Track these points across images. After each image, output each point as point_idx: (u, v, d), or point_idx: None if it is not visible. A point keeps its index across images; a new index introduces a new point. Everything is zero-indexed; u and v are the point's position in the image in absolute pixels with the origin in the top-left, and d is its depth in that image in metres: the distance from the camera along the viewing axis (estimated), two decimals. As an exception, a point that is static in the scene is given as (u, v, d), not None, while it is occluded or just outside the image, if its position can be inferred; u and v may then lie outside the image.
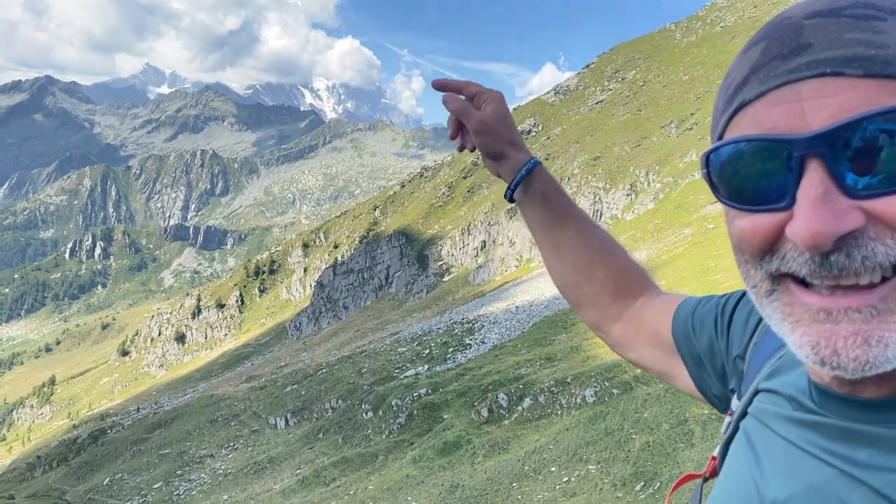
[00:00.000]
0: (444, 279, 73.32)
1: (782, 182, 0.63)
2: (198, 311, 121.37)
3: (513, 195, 1.34)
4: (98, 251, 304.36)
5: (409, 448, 23.56)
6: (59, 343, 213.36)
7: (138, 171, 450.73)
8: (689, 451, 13.46)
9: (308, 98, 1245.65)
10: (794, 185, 0.62)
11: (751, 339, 0.98)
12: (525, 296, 46.57)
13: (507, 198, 1.34)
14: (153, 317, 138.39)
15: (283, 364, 57.10)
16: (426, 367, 35.59)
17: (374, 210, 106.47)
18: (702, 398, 1.13)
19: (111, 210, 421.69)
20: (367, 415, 29.93)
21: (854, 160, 0.59)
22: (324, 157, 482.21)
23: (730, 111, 0.70)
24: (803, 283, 0.65)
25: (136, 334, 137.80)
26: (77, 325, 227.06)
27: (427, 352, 39.12)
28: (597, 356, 26.40)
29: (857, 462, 0.68)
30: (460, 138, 1.35)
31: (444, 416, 25.53)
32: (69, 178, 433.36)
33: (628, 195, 58.56)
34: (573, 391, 22.73)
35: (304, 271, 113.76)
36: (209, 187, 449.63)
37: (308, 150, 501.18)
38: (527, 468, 17.28)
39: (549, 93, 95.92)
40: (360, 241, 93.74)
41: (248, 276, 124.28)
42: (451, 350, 37.93)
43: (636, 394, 18.82)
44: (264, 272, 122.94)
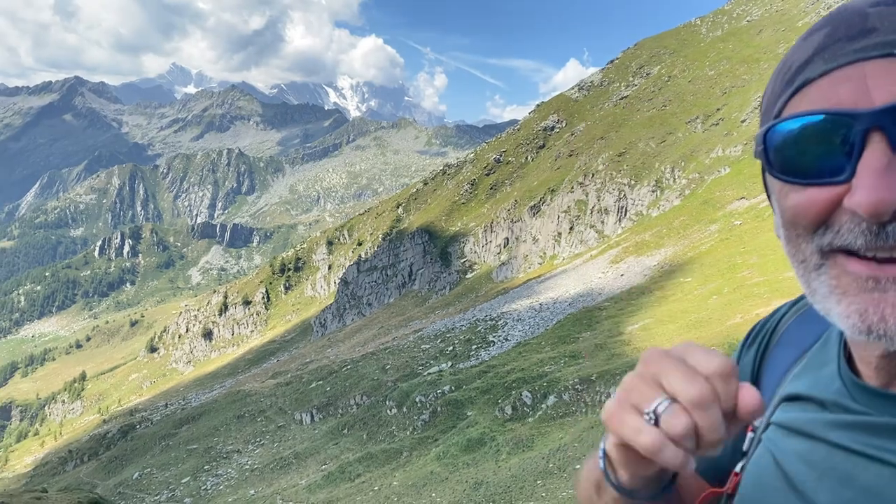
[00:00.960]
0: (467, 276, 73.31)
1: (843, 155, 0.66)
2: (224, 308, 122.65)
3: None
4: (127, 249, 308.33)
5: (433, 444, 23.62)
6: (89, 339, 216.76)
7: (166, 170, 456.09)
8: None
9: (332, 97, 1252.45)
10: (856, 159, 0.65)
11: (763, 355, 1.01)
12: (549, 293, 46.41)
13: (660, 494, 0.86)
14: (181, 314, 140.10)
15: (308, 360, 57.53)
16: (449, 363, 35.64)
17: (398, 208, 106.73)
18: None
19: (139, 208, 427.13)
20: (391, 411, 30.07)
21: None
22: (348, 155, 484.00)
23: (790, 91, 0.73)
24: (852, 256, 0.68)
25: (165, 331, 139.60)
26: (106, 322, 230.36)
27: (450, 349, 39.16)
28: (622, 354, 26.25)
29: None
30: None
31: (468, 413, 25.55)
32: (98, 177, 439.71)
33: (653, 191, 58.06)
34: (598, 389, 22.64)
35: (329, 269, 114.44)
36: (235, 186, 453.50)
37: (332, 148, 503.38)
38: (551, 466, 17.24)
39: (572, 89, 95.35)
40: (384, 239, 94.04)
41: (273, 274, 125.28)
42: (474, 347, 37.93)
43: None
44: (290, 269, 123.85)
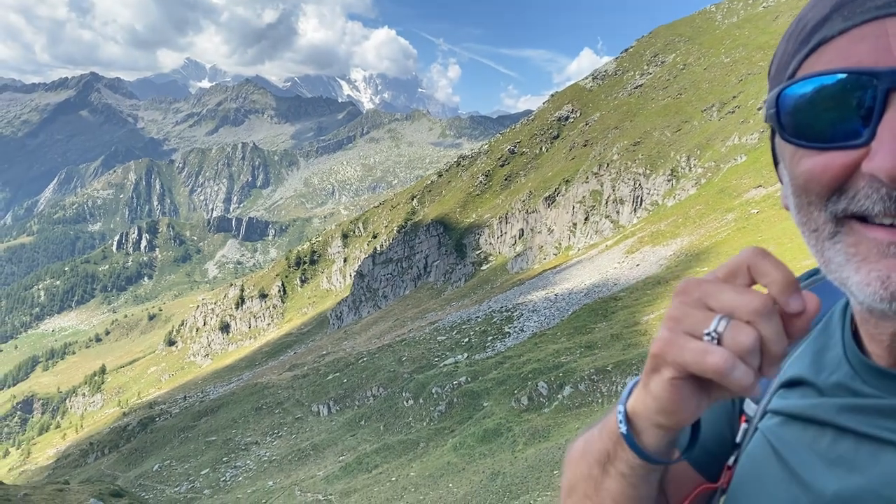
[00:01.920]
0: (482, 268, 73.29)
1: (862, 117, 0.62)
2: (241, 301, 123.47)
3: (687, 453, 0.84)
4: (144, 243, 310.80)
5: (450, 435, 23.70)
6: (108, 333, 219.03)
7: (181, 165, 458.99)
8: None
9: (346, 89, 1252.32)
10: (877, 120, 0.61)
11: None
12: (564, 284, 46.31)
13: (687, 451, 0.81)
14: (198, 307, 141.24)
15: (324, 353, 57.82)
16: (465, 355, 35.70)
17: (412, 200, 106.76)
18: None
19: (156, 203, 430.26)
20: (407, 402, 30.18)
21: None
22: (362, 147, 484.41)
23: (805, 50, 0.69)
24: (868, 223, 0.65)
25: (182, 324, 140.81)
26: (125, 316, 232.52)
27: (466, 340, 39.22)
28: (638, 344, 26.17)
29: None
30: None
31: (484, 404, 25.60)
32: (115, 172, 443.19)
33: (669, 181, 57.67)
34: (614, 379, 22.61)
35: (344, 261, 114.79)
36: (250, 179, 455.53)
37: (346, 141, 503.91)
38: (568, 456, 17.23)
39: (587, 78, 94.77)
40: (399, 231, 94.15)
41: (289, 267, 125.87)
42: (490, 338, 37.96)
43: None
44: (305, 262, 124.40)
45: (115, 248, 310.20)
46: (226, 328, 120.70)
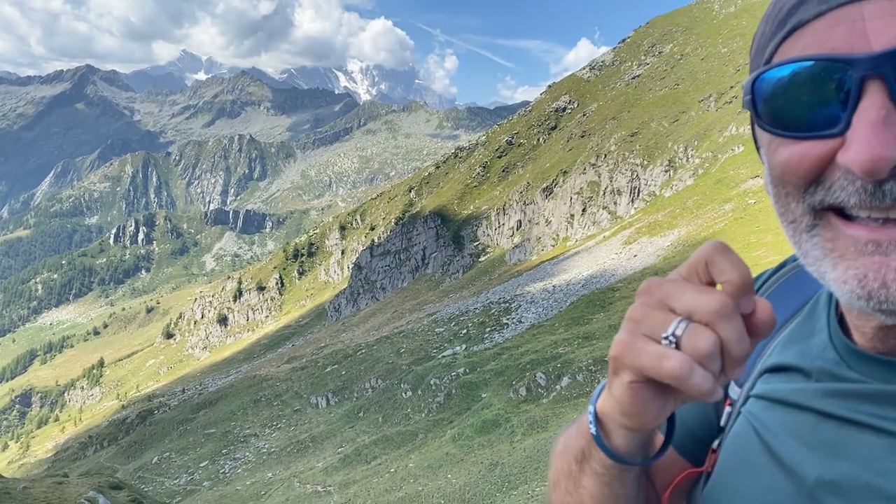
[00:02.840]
0: (480, 259, 73.32)
1: (838, 106, 0.60)
2: (239, 293, 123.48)
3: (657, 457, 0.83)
4: (141, 236, 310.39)
5: (449, 426, 23.75)
6: (106, 326, 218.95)
7: (178, 157, 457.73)
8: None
9: (342, 81, 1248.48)
10: (852, 109, 0.59)
11: None
12: (562, 275, 46.35)
13: (658, 456, 0.82)
14: (196, 300, 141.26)
15: (323, 345, 57.87)
16: (464, 346, 35.75)
17: (410, 191, 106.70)
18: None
19: (153, 196, 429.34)
20: (406, 394, 30.25)
21: None
22: (359, 139, 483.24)
23: (781, 34, 0.66)
24: (846, 217, 0.63)
25: (180, 317, 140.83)
26: (123, 309, 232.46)
27: (464, 332, 39.26)
28: (635, 334, 26.21)
29: None
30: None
31: (483, 395, 25.66)
32: (111, 165, 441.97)
33: (666, 171, 57.65)
34: (612, 369, 22.62)
35: (342, 253, 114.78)
36: (247, 172, 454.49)
37: (343, 132, 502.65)
38: (566, 446, 17.29)
39: (584, 69, 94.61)
40: (396, 223, 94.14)
41: (287, 259, 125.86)
42: (488, 330, 38.01)
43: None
44: (303, 255, 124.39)
45: (112, 241, 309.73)
46: (224, 321, 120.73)
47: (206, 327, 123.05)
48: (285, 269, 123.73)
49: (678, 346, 0.61)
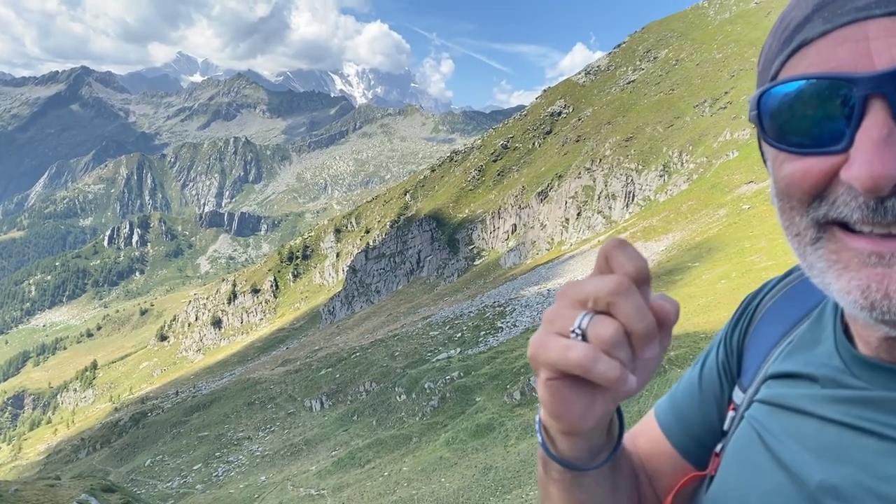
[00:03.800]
0: (475, 263, 73.34)
1: (841, 123, 0.61)
2: (233, 296, 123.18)
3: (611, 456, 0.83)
4: (135, 238, 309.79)
5: (443, 430, 23.73)
6: (99, 328, 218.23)
7: (173, 159, 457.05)
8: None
9: (338, 84, 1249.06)
10: (855, 127, 0.60)
11: (746, 330, 0.97)
12: (557, 279, 46.39)
13: (607, 461, 0.82)
14: (190, 302, 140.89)
15: (317, 348, 57.78)
16: (458, 350, 35.71)
17: (405, 195, 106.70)
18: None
19: (147, 198, 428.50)
20: (400, 397, 30.21)
21: None
22: (354, 142, 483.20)
23: (787, 51, 0.68)
24: (849, 230, 0.64)
25: (174, 319, 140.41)
26: (117, 311, 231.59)
27: (459, 335, 39.23)
28: (630, 339, 26.24)
29: None
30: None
31: (477, 399, 25.64)
32: (106, 166, 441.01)
33: (661, 176, 57.80)
34: (606, 374, 22.64)
35: (337, 256, 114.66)
36: (242, 174, 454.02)
37: (339, 135, 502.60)
38: (560, 450, 17.28)
39: (579, 73, 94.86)
40: (392, 226, 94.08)
41: (281, 262, 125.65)
42: (482, 333, 37.99)
43: (669, 376, 18.68)
44: (298, 257, 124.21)
45: (106, 242, 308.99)
46: (218, 323, 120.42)
47: (200, 330, 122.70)
48: (280, 271, 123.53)
49: (584, 338, 0.64)
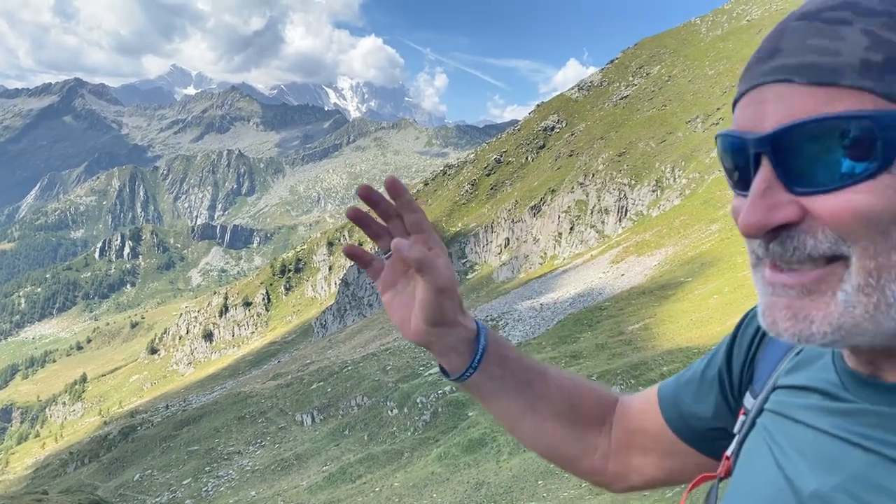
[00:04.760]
0: (468, 277, 73.30)
1: (748, 173, 0.70)
2: (225, 309, 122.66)
3: (475, 369, 1.08)
4: (127, 251, 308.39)
5: (435, 445, 23.59)
6: (89, 341, 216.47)
7: (165, 172, 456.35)
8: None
9: (332, 97, 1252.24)
10: (750, 180, 0.69)
11: (760, 340, 1.01)
12: (550, 293, 46.38)
13: (467, 376, 1.08)
14: (181, 315, 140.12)
15: (309, 362, 57.48)
16: (451, 364, 35.50)
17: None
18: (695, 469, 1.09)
19: (139, 210, 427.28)
20: (392, 412, 30.05)
21: (793, 161, 0.66)
22: (348, 156, 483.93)
23: (735, 98, 0.76)
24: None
25: (165, 332, 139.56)
26: (107, 324, 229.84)
27: (452, 349, 39.01)
28: (622, 354, 26.24)
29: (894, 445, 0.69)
30: (395, 295, 1.10)
31: (469, 414, 25.52)
32: (98, 178, 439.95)
33: (654, 191, 58.04)
34: (599, 389, 22.56)
35: (329, 269, 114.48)
36: (235, 187, 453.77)
37: (332, 149, 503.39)
38: (552, 465, 17.07)
39: (572, 89, 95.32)
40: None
41: (274, 275, 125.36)
42: (475, 348, 37.79)
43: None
44: (290, 270, 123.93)
45: (97, 255, 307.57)
46: (209, 336, 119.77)
47: (190, 343, 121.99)
48: (272, 284, 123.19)
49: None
